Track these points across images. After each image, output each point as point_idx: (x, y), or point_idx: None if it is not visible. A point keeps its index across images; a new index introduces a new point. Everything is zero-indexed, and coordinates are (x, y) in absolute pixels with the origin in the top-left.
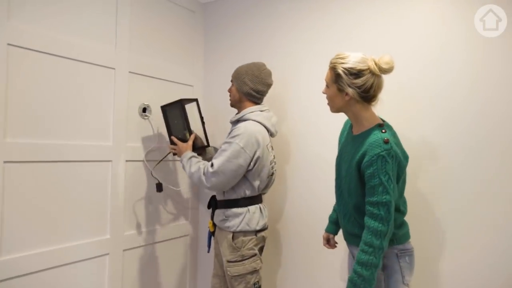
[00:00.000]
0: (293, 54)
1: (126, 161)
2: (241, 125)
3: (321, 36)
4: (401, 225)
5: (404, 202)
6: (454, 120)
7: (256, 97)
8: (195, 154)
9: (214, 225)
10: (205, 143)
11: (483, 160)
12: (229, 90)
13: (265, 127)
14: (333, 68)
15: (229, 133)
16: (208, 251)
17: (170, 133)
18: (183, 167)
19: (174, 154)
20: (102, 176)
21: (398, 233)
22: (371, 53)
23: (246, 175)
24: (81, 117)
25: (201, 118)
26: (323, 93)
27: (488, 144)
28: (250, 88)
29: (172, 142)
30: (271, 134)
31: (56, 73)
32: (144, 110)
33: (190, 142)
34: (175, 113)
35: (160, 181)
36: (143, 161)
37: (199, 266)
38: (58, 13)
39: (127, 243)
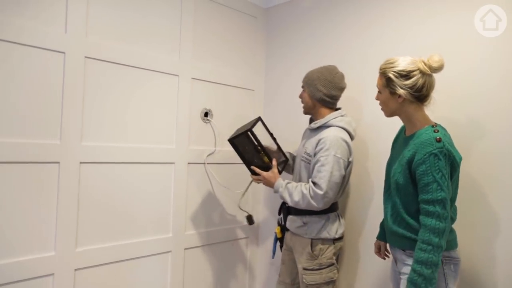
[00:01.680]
0: (354, 59)
1: (188, 163)
2: (328, 134)
3: (380, 39)
4: (449, 231)
5: (455, 209)
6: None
7: (330, 103)
8: (288, 181)
9: (283, 231)
10: (283, 157)
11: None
12: (300, 96)
13: (348, 132)
14: (383, 73)
15: (317, 143)
16: (273, 257)
17: (248, 164)
18: (282, 198)
19: (258, 183)
20: (166, 177)
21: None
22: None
23: None
24: (148, 122)
25: (271, 134)
26: (376, 99)
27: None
28: (323, 94)
29: (253, 172)
30: (352, 139)
31: (126, 81)
32: (206, 114)
33: (275, 170)
34: (244, 142)
35: (250, 213)
36: (204, 163)
37: (258, 269)
38: (127, 27)
39: (188, 242)
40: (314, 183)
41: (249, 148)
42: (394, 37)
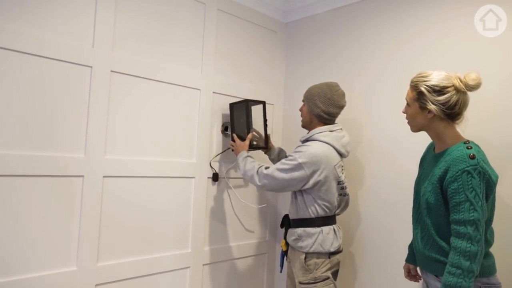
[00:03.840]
0: (373, 75)
1: (208, 177)
2: (307, 143)
3: (401, 54)
4: (486, 256)
5: (492, 232)
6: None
7: (327, 119)
8: (251, 155)
9: (287, 244)
10: (264, 145)
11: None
12: (301, 110)
13: (334, 147)
14: (414, 87)
15: (295, 149)
16: (281, 271)
17: (232, 130)
18: (238, 165)
19: (232, 150)
20: (186, 191)
21: (483, 264)
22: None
23: (311, 193)
24: (169, 135)
25: (265, 120)
26: (403, 112)
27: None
28: (321, 110)
29: (233, 139)
30: (341, 155)
31: (149, 95)
32: (226, 128)
33: (247, 142)
34: (240, 112)
35: (217, 171)
36: (224, 178)
37: (276, 285)
38: (151, 41)
39: (207, 257)
40: (267, 167)
41: (242, 121)
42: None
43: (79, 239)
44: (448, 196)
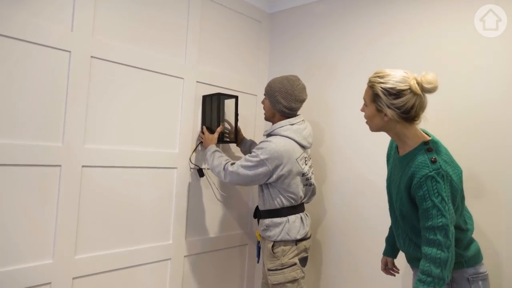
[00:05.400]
0: (358, 65)
1: (191, 168)
2: (269, 139)
3: (380, 42)
4: (469, 245)
5: (469, 218)
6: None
7: (290, 114)
8: (219, 149)
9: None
10: (234, 139)
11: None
12: (263, 103)
13: (295, 141)
14: (371, 87)
15: (258, 144)
16: (258, 262)
17: (203, 122)
18: (206, 159)
19: (201, 143)
20: (168, 182)
21: (467, 255)
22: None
23: (275, 186)
24: (151, 125)
25: (236, 114)
26: (361, 111)
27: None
28: (283, 106)
29: (203, 131)
30: (304, 147)
31: (131, 83)
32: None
33: (216, 135)
34: (212, 105)
35: (200, 167)
36: (205, 169)
37: (257, 276)
38: (134, 28)
39: (188, 249)
40: (233, 164)
41: (213, 112)
42: (394, 39)
43: (55, 231)
44: (417, 203)
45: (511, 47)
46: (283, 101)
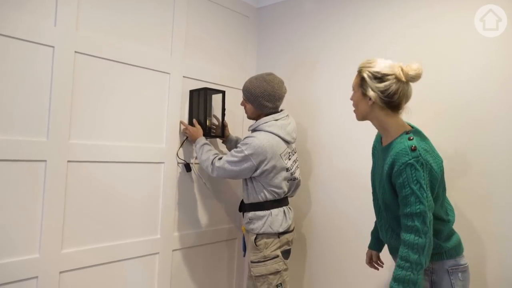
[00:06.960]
0: (346, 59)
1: (179, 163)
2: (254, 134)
3: (375, 39)
4: (450, 237)
5: (450, 210)
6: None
7: (274, 111)
8: (208, 142)
9: None
10: (221, 134)
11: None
12: (243, 105)
13: (279, 136)
14: (359, 72)
15: (243, 139)
16: (244, 255)
17: (190, 116)
18: (195, 152)
19: (187, 137)
20: (155, 177)
21: (447, 246)
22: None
23: (259, 180)
24: (138, 119)
25: (223, 109)
26: (350, 99)
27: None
28: (269, 108)
29: (191, 125)
30: (288, 142)
31: (117, 78)
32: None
33: (199, 126)
34: (200, 100)
35: (187, 162)
36: (192, 163)
37: (245, 270)
38: (119, 22)
39: (177, 243)
40: (220, 159)
41: (200, 107)
42: (390, 38)
43: (41, 226)
44: (397, 190)
45: (511, 47)
46: (269, 104)
